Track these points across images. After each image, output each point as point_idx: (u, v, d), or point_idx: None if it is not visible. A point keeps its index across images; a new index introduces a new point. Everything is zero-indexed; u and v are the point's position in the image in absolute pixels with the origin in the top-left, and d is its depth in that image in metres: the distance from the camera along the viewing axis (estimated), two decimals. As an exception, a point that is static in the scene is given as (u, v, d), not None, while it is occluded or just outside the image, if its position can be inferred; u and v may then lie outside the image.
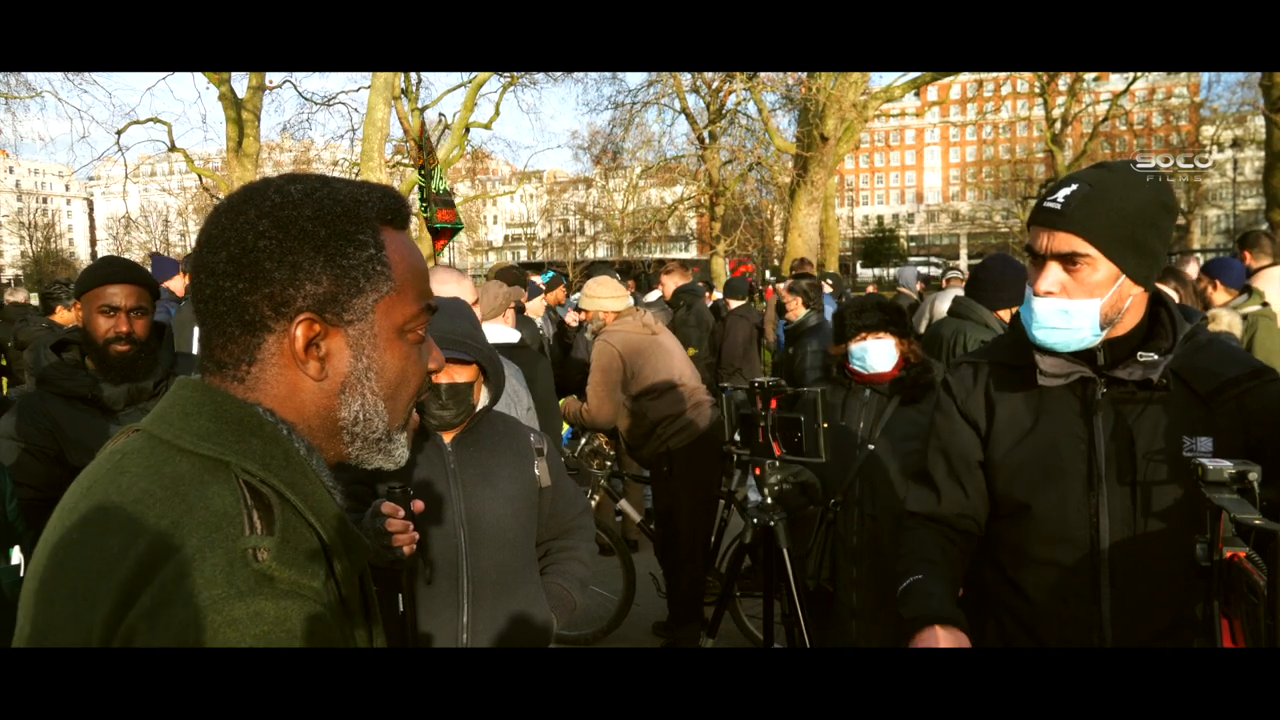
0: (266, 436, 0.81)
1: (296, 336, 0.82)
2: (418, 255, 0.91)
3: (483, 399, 2.01)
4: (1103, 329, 1.49)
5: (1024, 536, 1.59)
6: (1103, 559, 1.51)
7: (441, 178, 8.54)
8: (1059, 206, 1.46)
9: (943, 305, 4.35)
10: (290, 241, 0.81)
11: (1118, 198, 1.44)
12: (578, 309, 5.33)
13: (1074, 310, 1.47)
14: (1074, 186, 1.46)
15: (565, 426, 4.49)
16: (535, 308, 6.05)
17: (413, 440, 0.97)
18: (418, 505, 1.66)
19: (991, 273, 3.76)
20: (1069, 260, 1.46)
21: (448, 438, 1.98)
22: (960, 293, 4.02)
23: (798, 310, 5.47)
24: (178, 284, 5.78)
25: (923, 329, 4.74)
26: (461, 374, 1.91)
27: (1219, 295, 4.57)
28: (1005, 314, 3.64)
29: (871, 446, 2.96)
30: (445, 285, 2.76)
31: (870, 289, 14.89)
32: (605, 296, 4.25)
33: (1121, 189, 1.45)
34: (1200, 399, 1.47)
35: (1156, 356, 1.48)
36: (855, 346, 2.97)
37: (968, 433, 1.67)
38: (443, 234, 8.74)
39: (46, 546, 0.78)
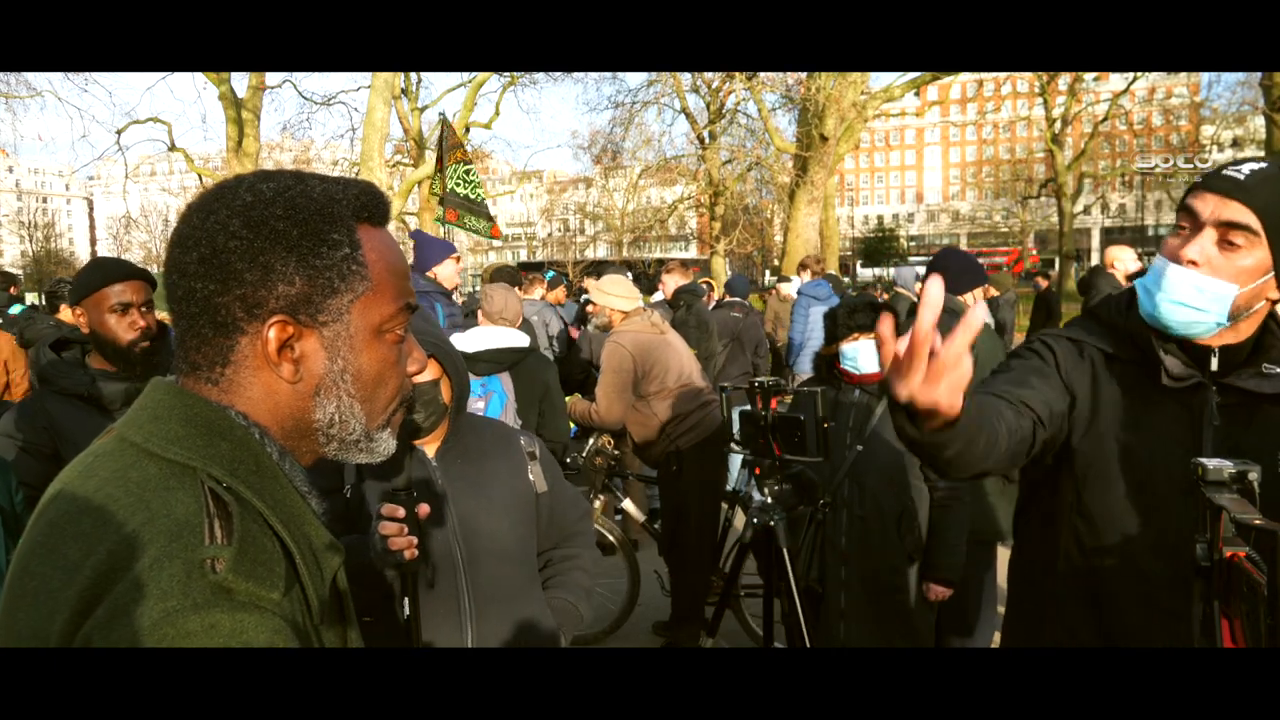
0: (237, 441, 0.80)
1: (269, 339, 0.80)
2: (396, 253, 0.89)
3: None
4: (1229, 321, 1.38)
5: (1112, 541, 1.50)
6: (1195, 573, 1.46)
7: (460, 178, 8.41)
8: (1242, 177, 1.36)
9: (942, 304, 4.36)
10: (261, 242, 0.79)
11: None
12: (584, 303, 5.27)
13: (1209, 289, 1.36)
14: (1262, 165, 1.38)
15: (570, 425, 4.49)
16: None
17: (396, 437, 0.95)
18: (423, 509, 1.60)
19: (949, 261, 3.83)
20: (1228, 235, 1.35)
21: (430, 450, 1.85)
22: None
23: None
24: (448, 269, 4.99)
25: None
26: (421, 372, 1.81)
27: None
28: (968, 298, 3.68)
29: (860, 447, 2.97)
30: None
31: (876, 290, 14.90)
32: (617, 295, 4.26)
33: None
34: None
35: (1278, 369, 1.41)
36: (847, 346, 2.97)
37: (1064, 392, 1.54)
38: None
39: (19, 550, 0.77)
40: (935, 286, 1.05)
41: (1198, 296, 1.38)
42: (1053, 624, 1.64)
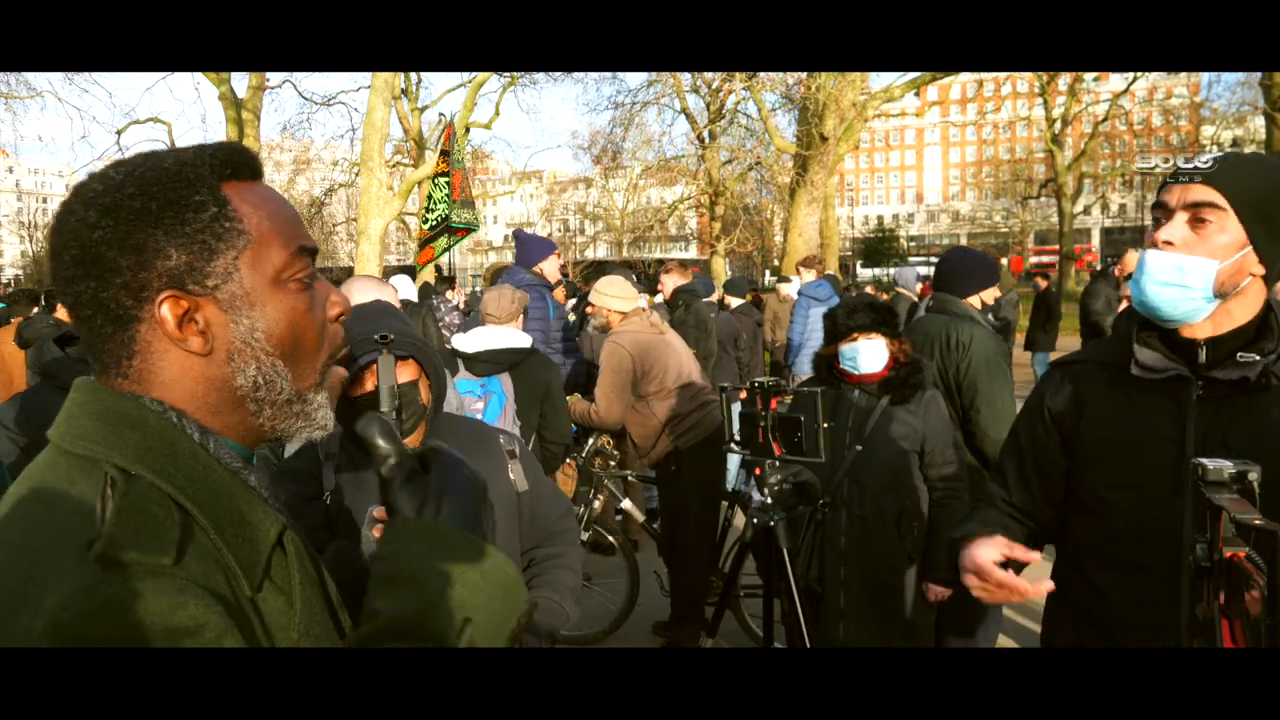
0: (148, 428, 0.79)
1: (165, 317, 0.79)
2: (277, 202, 0.87)
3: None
4: (1216, 298, 1.42)
5: (1105, 537, 1.55)
6: (1185, 564, 1.45)
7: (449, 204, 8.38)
8: (1202, 164, 1.44)
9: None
10: (124, 226, 0.78)
11: (1262, 169, 1.43)
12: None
13: (1189, 267, 1.41)
14: (1215, 152, 1.47)
15: (572, 425, 4.49)
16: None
17: (336, 401, 0.91)
18: None
19: (953, 264, 3.79)
20: (1197, 215, 1.41)
21: None
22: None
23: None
24: (551, 265, 5.15)
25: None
26: (401, 373, 1.74)
27: None
28: (975, 300, 3.66)
29: (860, 447, 2.97)
30: (365, 292, 2.75)
31: (869, 289, 14.91)
32: (613, 295, 4.26)
33: (1266, 163, 1.44)
34: None
35: (1257, 357, 1.43)
36: (846, 347, 2.97)
37: (1051, 436, 1.64)
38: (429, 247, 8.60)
39: None
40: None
41: (1179, 275, 1.42)
42: (1053, 620, 1.68)
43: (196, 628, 0.69)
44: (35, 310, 6.27)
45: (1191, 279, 1.41)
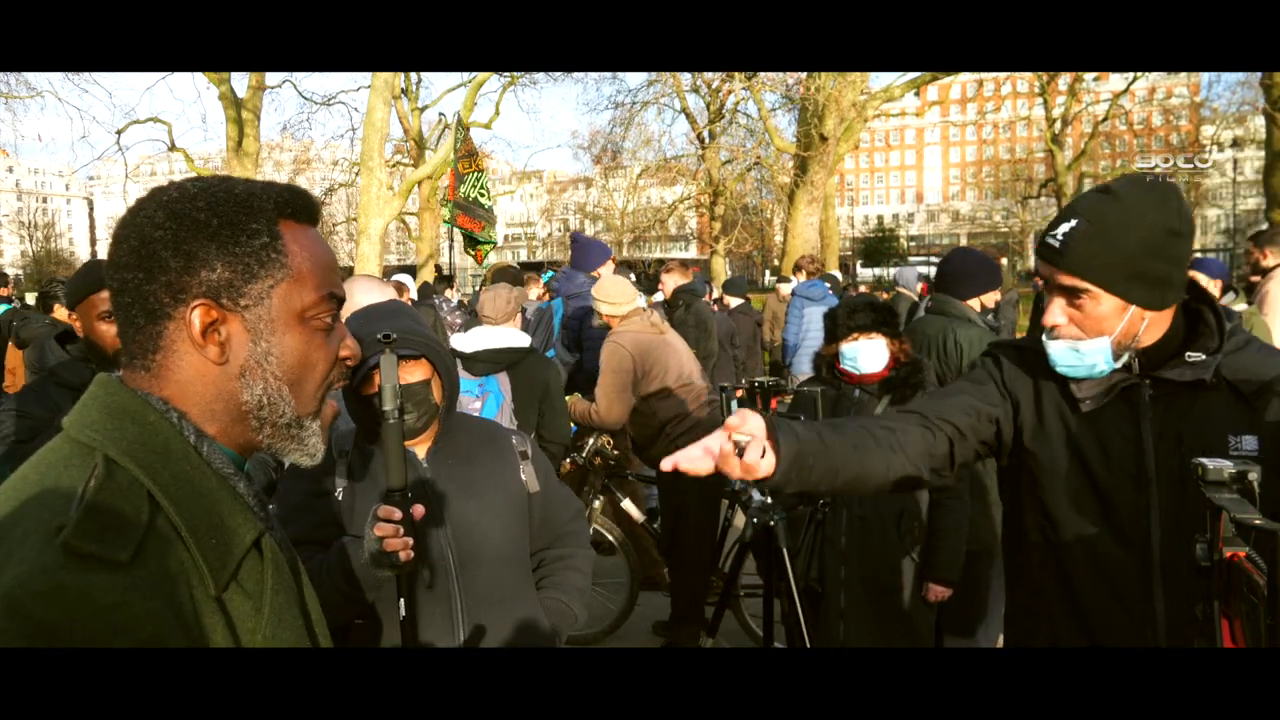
0: (146, 424, 0.84)
1: (193, 321, 0.86)
2: (321, 249, 0.95)
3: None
4: (1118, 357, 1.49)
5: (1076, 537, 1.58)
6: (1154, 558, 1.50)
7: (482, 187, 8.38)
8: (1057, 244, 1.47)
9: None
10: (184, 231, 0.86)
11: (1117, 234, 1.42)
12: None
13: (1084, 349, 1.49)
14: (1073, 222, 1.46)
15: (571, 426, 4.49)
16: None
17: (326, 431, 0.96)
18: (418, 510, 1.56)
19: (955, 265, 3.78)
20: (1071, 299, 1.48)
21: (420, 451, 1.83)
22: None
23: None
24: (608, 269, 5.12)
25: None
26: (412, 372, 1.77)
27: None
28: (975, 303, 3.67)
29: None
30: (367, 292, 2.76)
31: (863, 288, 14.92)
32: (607, 301, 4.25)
33: (1121, 223, 1.43)
34: (1244, 399, 1.47)
35: (1205, 356, 1.48)
36: (847, 347, 2.97)
37: (1002, 397, 1.66)
38: (472, 243, 8.60)
39: None
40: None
41: (1079, 357, 1.50)
42: (1025, 614, 1.71)
43: (137, 626, 0.73)
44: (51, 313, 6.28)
45: (1092, 357, 1.49)
